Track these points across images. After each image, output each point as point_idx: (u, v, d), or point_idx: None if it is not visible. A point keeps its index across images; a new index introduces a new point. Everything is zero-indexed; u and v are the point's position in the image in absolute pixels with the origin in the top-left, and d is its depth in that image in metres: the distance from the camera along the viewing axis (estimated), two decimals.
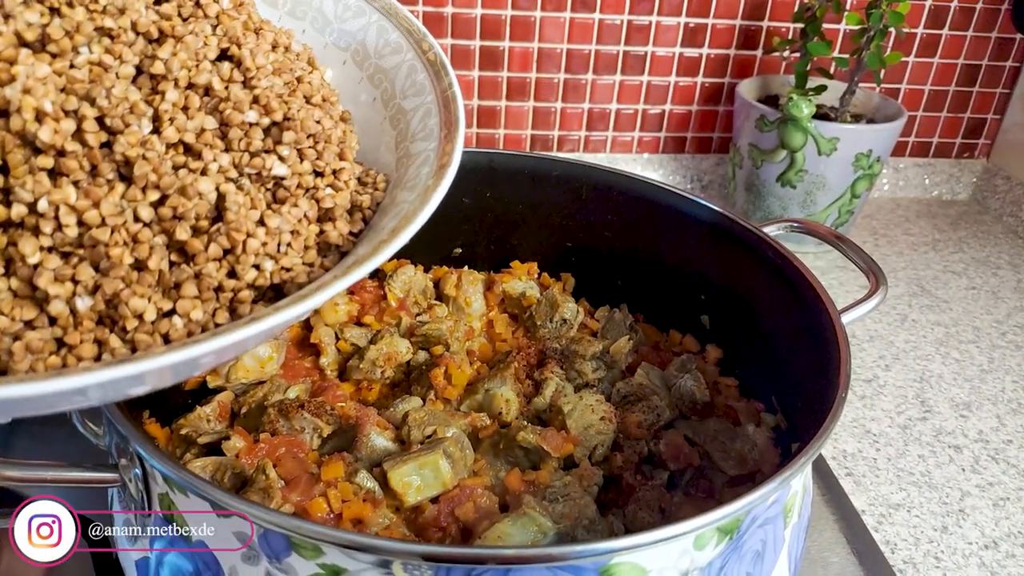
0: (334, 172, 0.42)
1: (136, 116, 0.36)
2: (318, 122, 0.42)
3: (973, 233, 1.17)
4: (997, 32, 1.16)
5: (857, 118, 1.04)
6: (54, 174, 0.34)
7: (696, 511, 0.34)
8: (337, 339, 0.63)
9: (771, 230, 0.59)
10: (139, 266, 0.35)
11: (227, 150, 0.38)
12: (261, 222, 0.38)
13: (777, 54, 1.09)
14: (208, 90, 0.39)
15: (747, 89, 1.06)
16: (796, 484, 0.41)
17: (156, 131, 0.37)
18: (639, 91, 1.14)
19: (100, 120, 0.35)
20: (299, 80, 0.43)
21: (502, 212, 0.68)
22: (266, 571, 0.34)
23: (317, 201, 0.41)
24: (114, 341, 0.34)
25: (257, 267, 0.37)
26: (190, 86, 0.38)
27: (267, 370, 0.58)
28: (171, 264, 0.36)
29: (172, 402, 0.56)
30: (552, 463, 0.53)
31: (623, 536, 0.31)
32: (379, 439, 0.52)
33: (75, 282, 0.34)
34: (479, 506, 0.48)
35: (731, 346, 0.62)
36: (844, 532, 0.64)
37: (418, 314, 0.67)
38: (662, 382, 0.60)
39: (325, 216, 0.41)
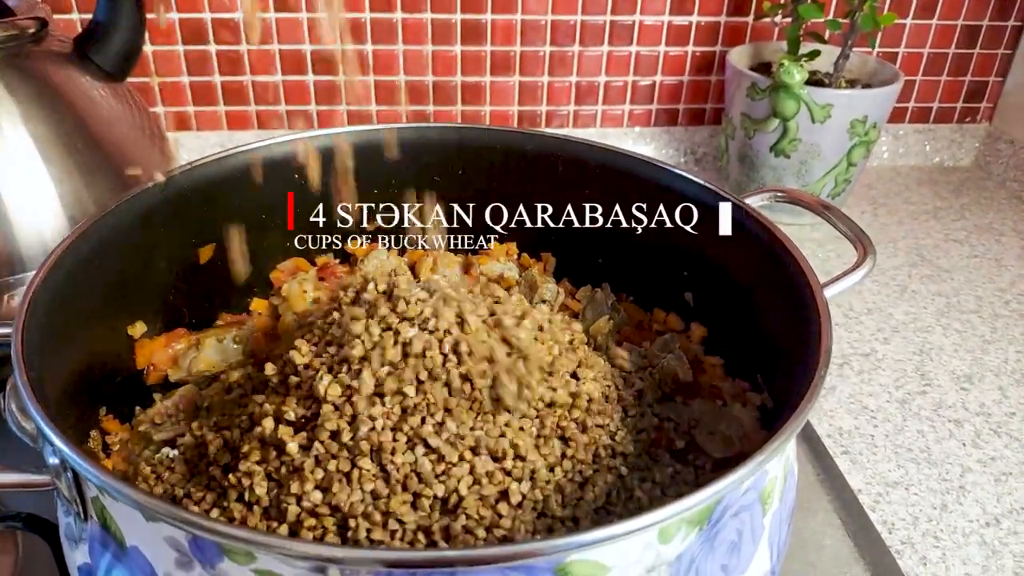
0: None
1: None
2: None
3: (975, 200, 1.13)
4: None
5: (853, 83, 1.00)
6: None
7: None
8: None
9: (754, 201, 0.57)
10: None
11: None
12: None
13: (768, 19, 1.05)
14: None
15: (738, 57, 1.03)
16: (774, 469, 0.39)
17: None
18: (628, 62, 1.11)
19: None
20: None
21: (476, 190, 0.65)
22: None
23: None
24: None
25: None
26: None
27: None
28: None
29: (133, 398, 0.54)
30: None
31: (576, 533, 0.29)
32: None
33: None
34: None
35: (715, 323, 0.59)
36: (839, 513, 0.62)
37: None
38: (644, 362, 0.58)
39: None
